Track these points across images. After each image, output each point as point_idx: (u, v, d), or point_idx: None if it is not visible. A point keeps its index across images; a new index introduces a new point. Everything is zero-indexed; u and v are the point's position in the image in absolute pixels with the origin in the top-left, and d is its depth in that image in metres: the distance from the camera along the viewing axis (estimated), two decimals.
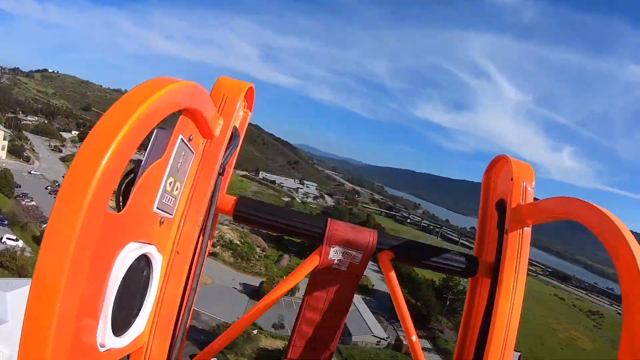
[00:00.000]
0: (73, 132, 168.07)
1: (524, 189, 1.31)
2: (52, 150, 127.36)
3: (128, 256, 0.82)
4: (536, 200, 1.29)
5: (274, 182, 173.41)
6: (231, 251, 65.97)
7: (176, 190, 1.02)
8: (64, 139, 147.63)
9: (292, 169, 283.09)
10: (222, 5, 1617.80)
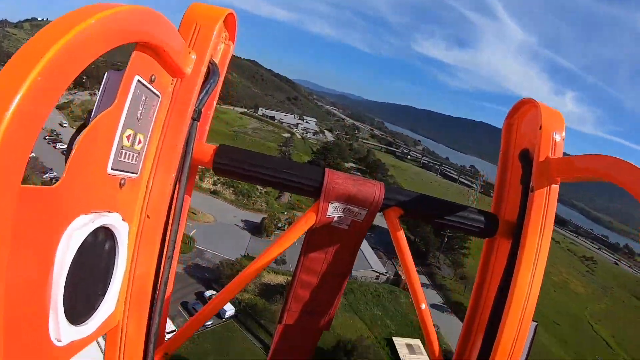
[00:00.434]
0: None
1: (554, 140, 1.14)
2: None
3: (75, 234, 0.69)
4: (566, 155, 1.12)
5: (273, 118, 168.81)
6: (232, 188, 65.30)
7: (138, 144, 0.87)
8: None
9: (292, 104, 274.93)
10: None
